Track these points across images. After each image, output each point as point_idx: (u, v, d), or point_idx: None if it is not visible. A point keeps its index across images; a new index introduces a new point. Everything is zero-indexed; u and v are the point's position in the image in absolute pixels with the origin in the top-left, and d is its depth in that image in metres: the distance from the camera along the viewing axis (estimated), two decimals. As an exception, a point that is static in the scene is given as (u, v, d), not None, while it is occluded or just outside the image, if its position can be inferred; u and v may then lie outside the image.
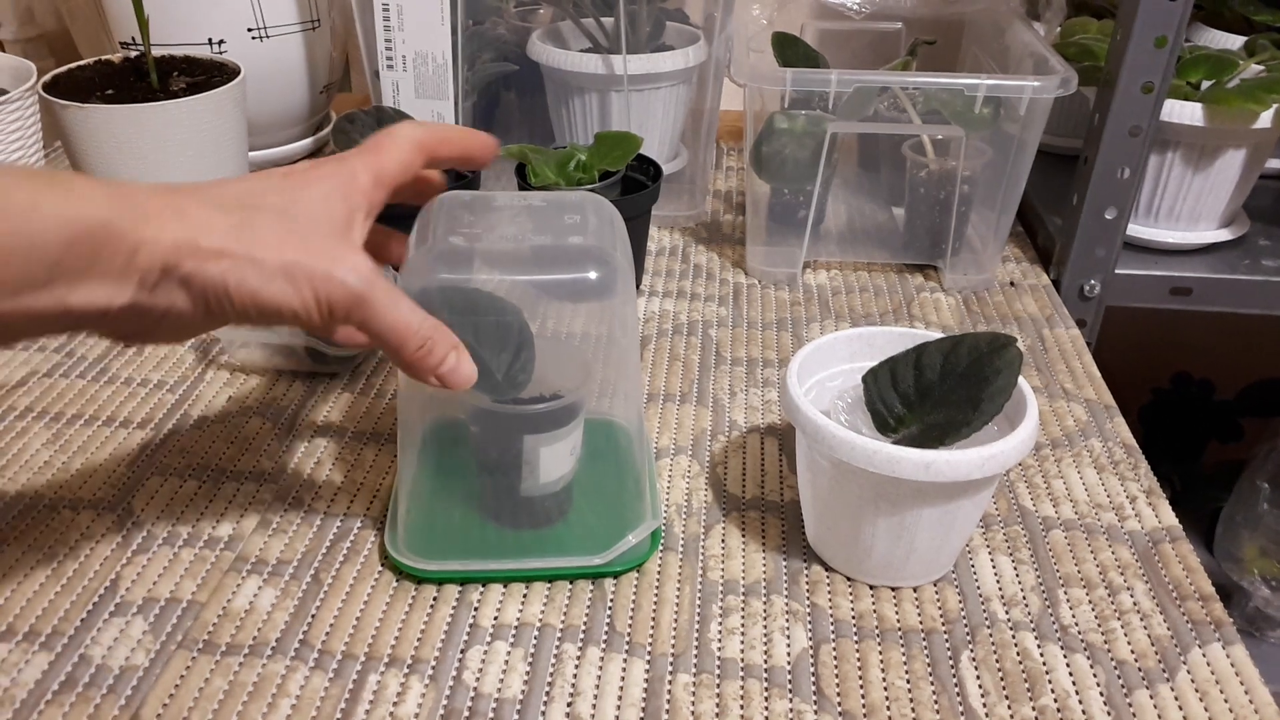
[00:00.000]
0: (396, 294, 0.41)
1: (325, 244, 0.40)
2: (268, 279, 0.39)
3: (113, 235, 0.36)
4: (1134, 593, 0.50)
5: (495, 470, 0.50)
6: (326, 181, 0.42)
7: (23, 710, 0.43)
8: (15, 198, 0.34)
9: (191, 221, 0.38)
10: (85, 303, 0.36)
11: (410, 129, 0.46)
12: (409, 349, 0.42)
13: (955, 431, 0.46)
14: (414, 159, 0.46)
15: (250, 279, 0.38)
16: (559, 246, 0.46)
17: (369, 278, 0.40)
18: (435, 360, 0.43)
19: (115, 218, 0.36)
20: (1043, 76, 0.70)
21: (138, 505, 0.54)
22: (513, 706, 0.43)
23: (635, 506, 0.51)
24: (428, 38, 0.81)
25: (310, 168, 0.43)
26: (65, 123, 0.72)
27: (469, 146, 0.48)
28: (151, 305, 0.38)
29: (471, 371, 0.44)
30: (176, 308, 0.38)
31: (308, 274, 0.39)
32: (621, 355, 0.49)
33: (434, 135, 0.46)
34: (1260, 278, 0.80)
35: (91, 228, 0.35)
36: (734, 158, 1.04)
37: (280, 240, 0.39)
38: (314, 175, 0.42)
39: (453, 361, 0.43)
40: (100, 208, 0.36)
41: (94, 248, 0.35)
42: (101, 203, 0.36)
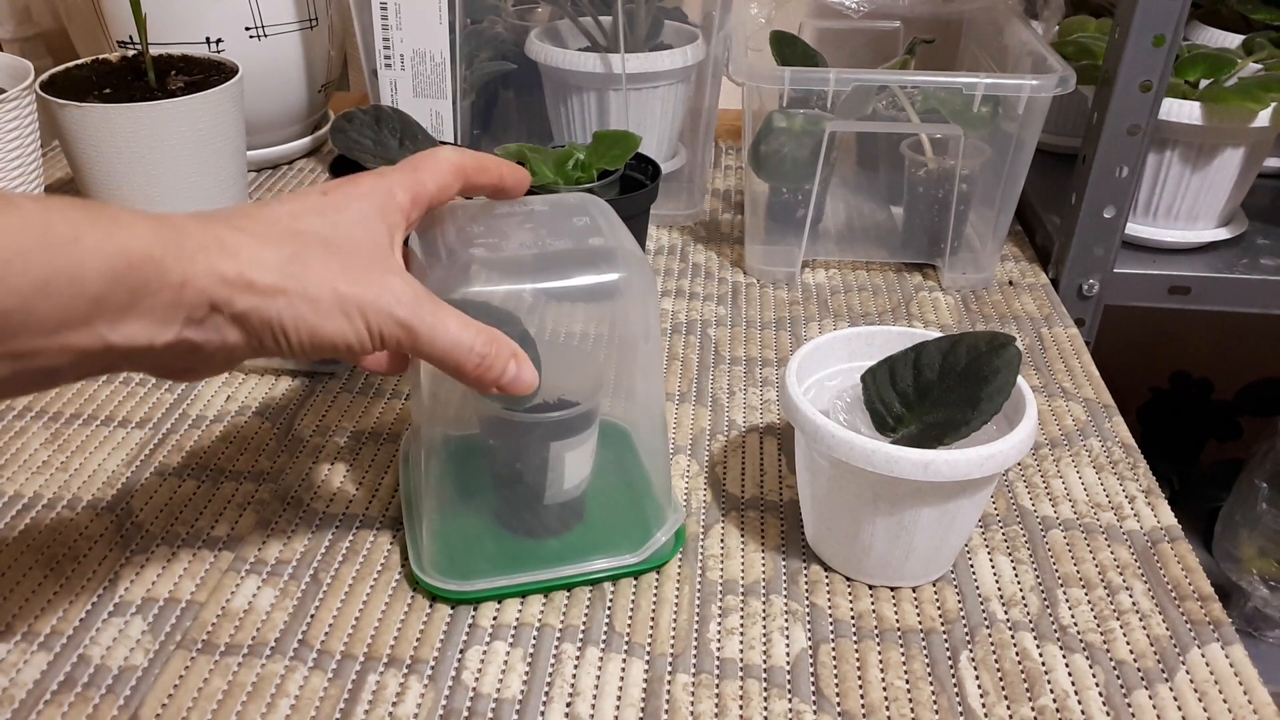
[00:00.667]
0: (445, 314, 0.41)
1: (370, 273, 0.40)
2: (325, 315, 0.38)
3: (158, 270, 0.35)
4: (1133, 593, 0.50)
5: (518, 480, 0.50)
6: (365, 201, 0.41)
7: (21, 710, 0.43)
8: (57, 230, 0.33)
9: (242, 256, 0.37)
10: (128, 340, 0.35)
11: (451, 152, 0.45)
12: (467, 369, 0.41)
13: (954, 431, 0.46)
14: (452, 183, 0.45)
15: (307, 316, 0.38)
16: (580, 250, 0.46)
17: (414, 304, 0.40)
18: (495, 375, 0.42)
19: (160, 252, 0.35)
20: (1041, 75, 0.70)
21: (136, 505, 0.54)
22: (512, 706, 0.43)
23: (657, 505, 0.51)
24: (426, 36, 0.80)
25: (348, 184, 0.42)
26: (63, 122, 0.72)
27: (505, 177, 0.47)
28: (201, 342, 0.37)
29: (533, 375, 0.43)
30: (228, 344, 0.37)
31: (360, 306, 0.39)
32: (646, 354, 0.49)
33: (473, 162, 0.46)
34: (1259, 276, 0.80)
35: (135, 262, 0.34)
36: (732, 156, 1.04)
37: (331, 273, 0.38)
38: (353, 194, 0.42)
39: (513, 371, 0.42)
40: (145, 241, 0.34)
41: (139, 283, 0.34)
42: (146, 236, 0.35)
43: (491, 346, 0.42)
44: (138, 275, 0.34)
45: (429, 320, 0.40)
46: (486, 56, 0.88)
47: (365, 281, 0.39)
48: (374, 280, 0.39)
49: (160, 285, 0.35)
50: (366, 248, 0.40)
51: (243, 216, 0.39)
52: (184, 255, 0.35)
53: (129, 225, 0.35)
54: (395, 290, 0.40)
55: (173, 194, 0.74)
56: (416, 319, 0.40)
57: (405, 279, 0.40)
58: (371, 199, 0.41)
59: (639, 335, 0.48)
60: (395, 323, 0.39)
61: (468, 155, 0.46)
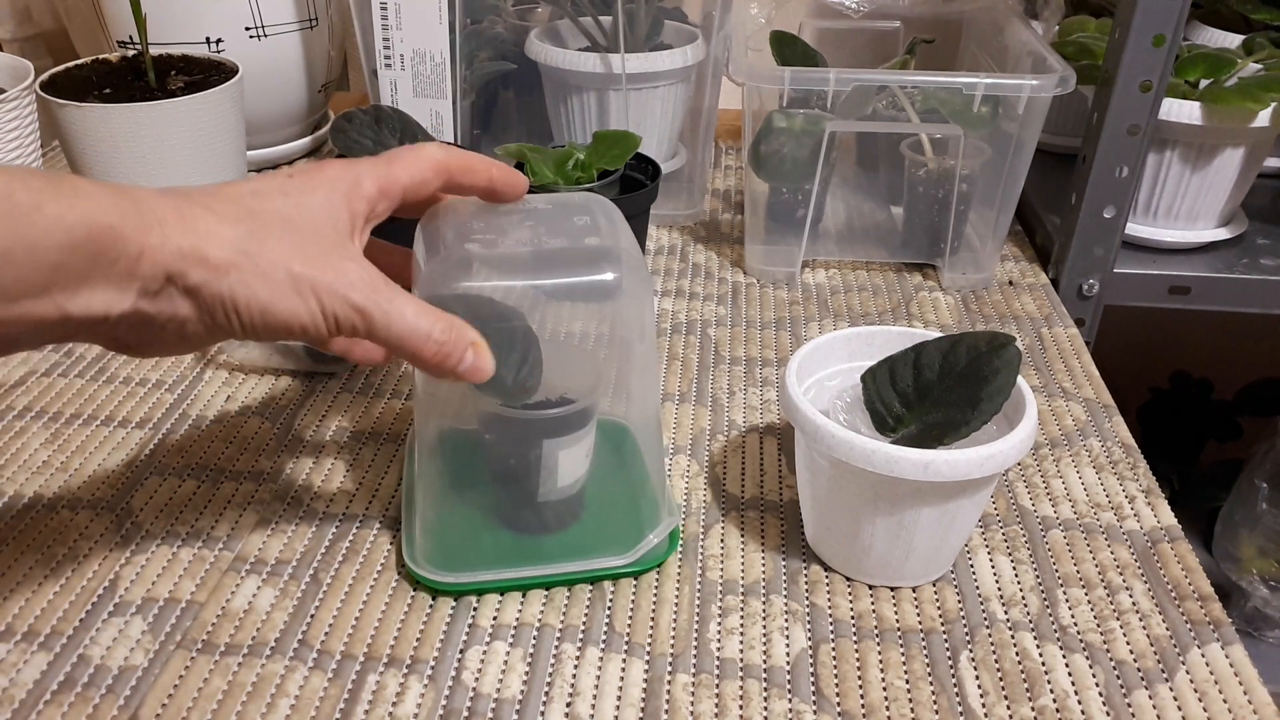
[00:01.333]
0: (402, 302, 0.41)
1: (328, 256, 0.40)
2: (276, 293, 0.38)
3: (116, 240, 0.35)
4: (1133, 593, 0.50)
5: (512, 477, 0.50)
6: (331, 186, 0.41)
7: (21, 710, 0.43)
8: (17, 199, 0.33)
9: (199, 230, 0.37)
10: (85, 310, 0.36)
11: (434, 149, 0.45)
12: (424, 355, 0.41)
13: (954, 431, 0.46)
14: (429, 177, 0.45)
15: (260, 293, 0.38)
16: (576, 249, 0.46)
17: (369, 289, 0.40)
18: (453, 363, 0.42)
19: (119, 222, 0.35)
20: (1041, 75, 0.70)
21: (136, 505, 0.54)
22: (512, 706, 0.43)
23: (652, 506, 0.51)
24: (426, 36, 0.80)
25: (316, 169, 0.42)
26: (63, 122, 0.72)
27: (496, 180, 0.47)
28: (154, 313, 0.37)
29: (489, 363, 0.43)
30: (179, 317, 0.38)
31: (313, 287, 0.39)
32: (640, 354, 0.49)
33: (457, 160, 0.45)
34: (1258, 276, 0.80)
35: (94, 232, 0.35)
36: (732, 156, 1.04)
37: (287, 252, 0.39)
38: (319, 179, 0.42)
39: (470, 360, 0.42)
40: (104, 211, 0.35)
41: (96, 252, 0.35)
42: (106, 206, 0.35)
43: (450, 334, 0.42)
44: (96, 245, 0.35)
45: (385, 306, 0.40)
46: (486, 56, 0.88)
47: (321, 264, 0.39)
48: (330, 263, 0.39)
49: (118, 255, 0.35)
50: (327, 231, 0.40)
51: (204, 193, 0.39)
52: (142, 227, 0.36)
53: (90, 195, 0.35)
54: (350, 275, 0.40)
55: (173, 194, 0.74)
56: (371, 304, 0.40)
57: (362, 264, 0.41)
58: (337, 184, 0.42)
59: (634, 335, 0.48)
60: (350, 306, 0.39)
61: (454, 154, 0.45)
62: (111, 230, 0.35)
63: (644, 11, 0.82)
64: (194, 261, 0.37)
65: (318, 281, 0.39)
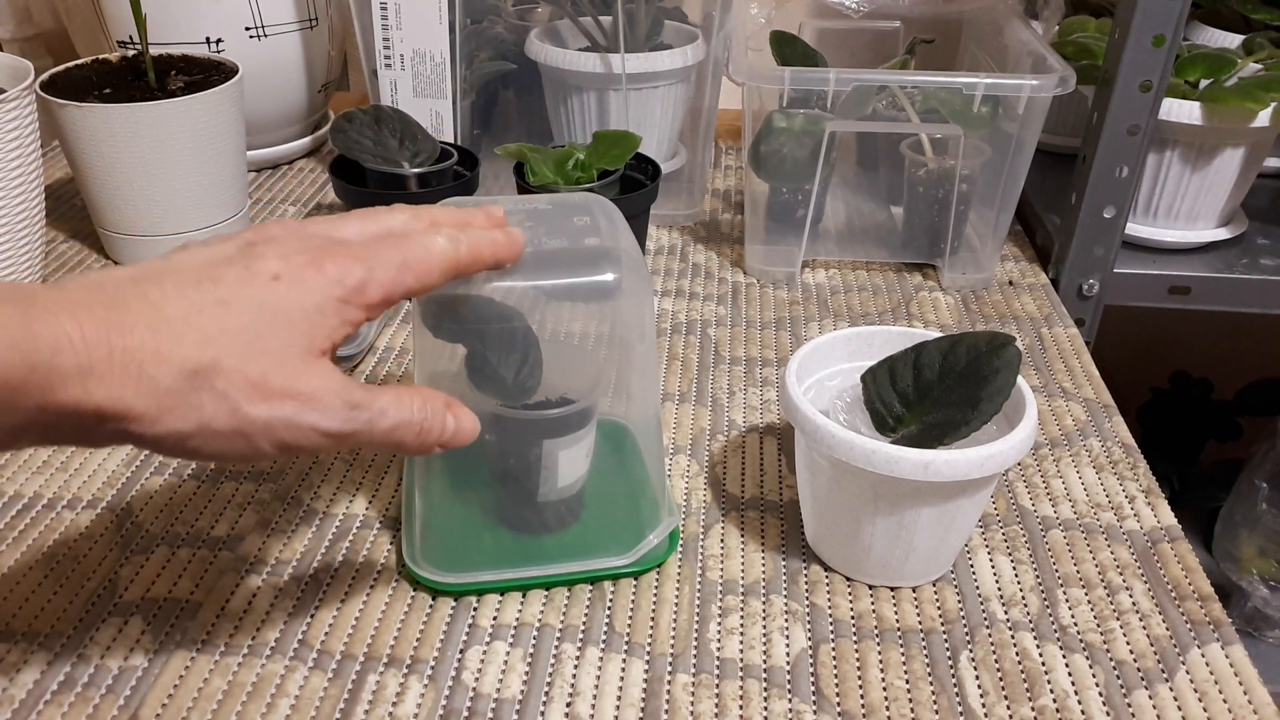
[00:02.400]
0: (379, 402, 0.38)
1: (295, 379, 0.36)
2: (219, 438, 0.35)
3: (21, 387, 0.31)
4: (1133, 593, 0.50)
5: (512, 477, 0.50)
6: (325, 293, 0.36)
7: (21, 710, 0.43)
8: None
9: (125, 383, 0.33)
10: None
11: (445, 245, 0.40)
12: (410, 446, 0.40)
13: (954, 431, 0.46)
14: (438, 281, 0.40)
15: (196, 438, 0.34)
16: (575, 249, 0.46)
17: (345, 412, 0.37)
18: (435, 436, 0.40)
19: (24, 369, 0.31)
20: (1041, 75, 0.70)
21: (136, 505, 0.54)
22: (512, 706, 0.43)
23: (653, 506, 0.51)
24: (426, 36, 0.80)
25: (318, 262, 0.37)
26: (63, 122, 0.72)
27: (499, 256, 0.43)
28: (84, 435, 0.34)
29: (474, 424, 0.42)
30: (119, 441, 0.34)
31: (267, 427, 0.35)
32: (640, 354, 0.49)
33: (468, 255, 0.41)
34: (1258, 276, 0.80)
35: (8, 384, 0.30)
36: (732, 156, 1.04)
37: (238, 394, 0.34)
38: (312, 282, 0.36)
39: (451, 426, 0.41)
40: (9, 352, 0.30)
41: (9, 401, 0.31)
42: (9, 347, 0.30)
43: (425, 410, 0.40)
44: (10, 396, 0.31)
45: (363, 417, 0.37)
46: (486, 56, 0.88)
47: (282, 398, 0.35)
48: (299, 392, 0.35)
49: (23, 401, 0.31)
50: (301, 348, 0.36)
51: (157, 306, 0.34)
52: (51, 386, 0.32)
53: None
54: (324, 401, 0.36)
55: (173, 194, 0.74)
56: (347, 424, 0.37)
57: (334, 382, 0.37)
58: (339, 288, 0.37)
59: (634, 335, 0.48)
60: (323, 435, 0.36)
61: (461, 245, 0.41)
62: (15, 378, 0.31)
63: (644, 11, 0.82)
64: (120, 414, 0.33)
65: (274, 420, 0.35)
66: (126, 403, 0.33)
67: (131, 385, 0.33)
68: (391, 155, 0.74)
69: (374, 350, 0.69)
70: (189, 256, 0.37)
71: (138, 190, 0.73)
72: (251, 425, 0.35)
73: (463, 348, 0.47)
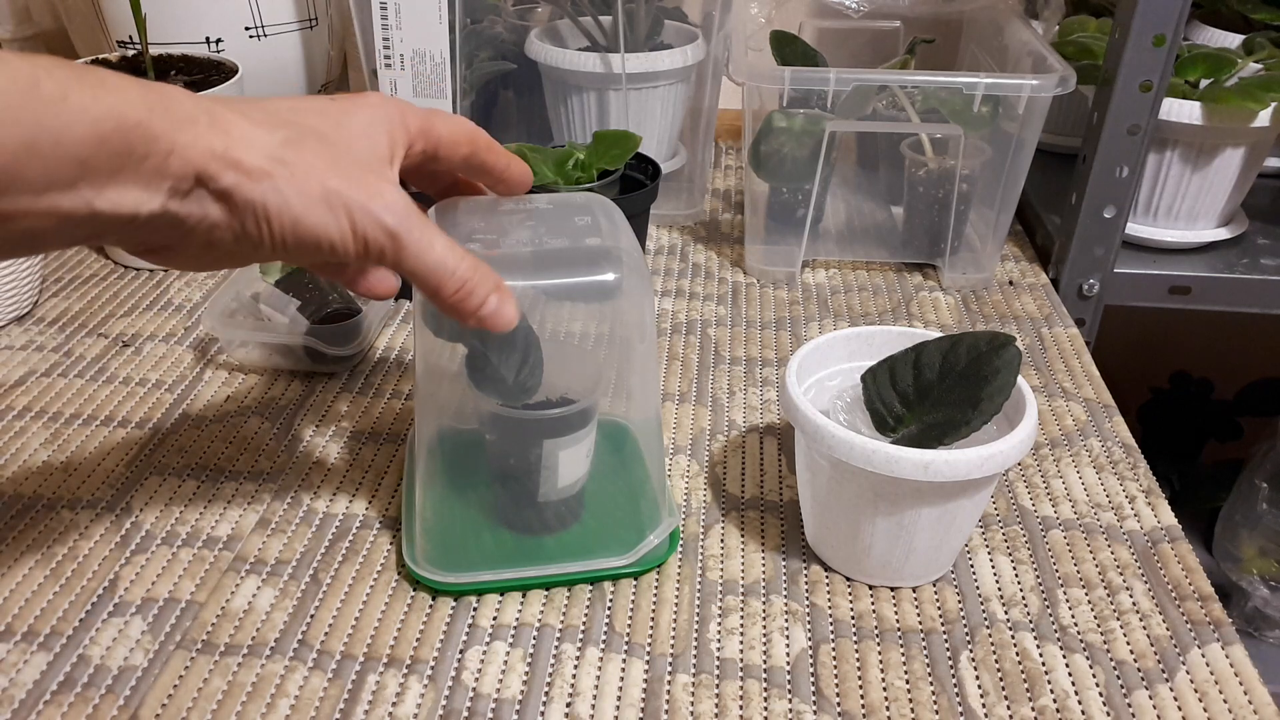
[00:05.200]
0: (432, 233, 0.40)
1: (364, 176, 0.39)
2: (309, 206, 0.37)
3: (145, 135, 0.34)
4: (1133, 593, 0.50)
5: (512, 477, 0.50)
6: (372, 111, 0.41)
7: (21, 710, 0.43)
8: (44, 88, 0.32)
9: (233, 135, 0.36)
10: (113, 207, 0.34)
11: (468, 121, 0.45)
12: (446, 291, 0.40)
13: (954, 431, 0.46)
14: (464, 142, 0.44)
15: (293, 203, 0.37)
16: (576, 249, 0.46)
17: (404, 215, 0.39)
18: (475, 303, 0.41)
19: (147, 117, 0.34)
20: (1041, 75, 0.70)
21: (136, 505, 0.54)
22: (511, 707, 0.43)
23: (653, 507, 0.51)
24: (426, 36, 0.80)
25: (358, 96, 0.41)
26: (63, 122, 0.72)
27: (510, 167, 0.47)
28: (184, 215, 0.36)
29: (513, 313, 0.42)
30: (209, 220, 0.37)
31: (346, 204, 0.38)
32: (641, 354, 0.49)
33: (487, 139, 0.45)
34: (1259, 276, 0.80)
35: (123, 126, 0.33)
36: (732, 156, 1.04)
37: (324, 166, 0.38)
38: (361, 103, 0.41)
39: (494, 304, 0.42)
40: (133, 106, 0.34)
41: (125, 148, 0.34)
42: (134, 100, 0.34)
43: (476, 273, 0.41)
44: (124, 139, 0.34)
45: (416, 234, 0.39)
46: (486, 56, 0.88)
47: (357, 182, 0.38)
48: (367, 183, 0.39)
49: (147, 152, 0.34)
50: (365, 153, 0.40)
51: (240, 100, 0.39)
52: (172, 124, 0.35)
53: (118, 89, 0.34)
54: (387, 197, 0.39)
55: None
56: (404, 230, 0.39)
57: (398, 190, 0.40)
58: (379, 110, 0.41)
59: (634, 336, 0.48)
60: (382, 229, 0.39)
61: (481, 130, 0.45)
62: (140, 126, 0.34)
63: (644, 11, 0.82)
64: (227, 164, 0.36)
65: (352, 199, 0.38)
66: (236, 152, 0.36)
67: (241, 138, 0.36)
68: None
69: (374, 350, 0.69)
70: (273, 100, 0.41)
71: (138, 190, 0.73)
72: (334, 196, 0.38)
73: (463, 347, 0.47)
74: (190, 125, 0.35)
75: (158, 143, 0.34)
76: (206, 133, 0.36)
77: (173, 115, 0.35)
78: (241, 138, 0.36)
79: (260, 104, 0.39)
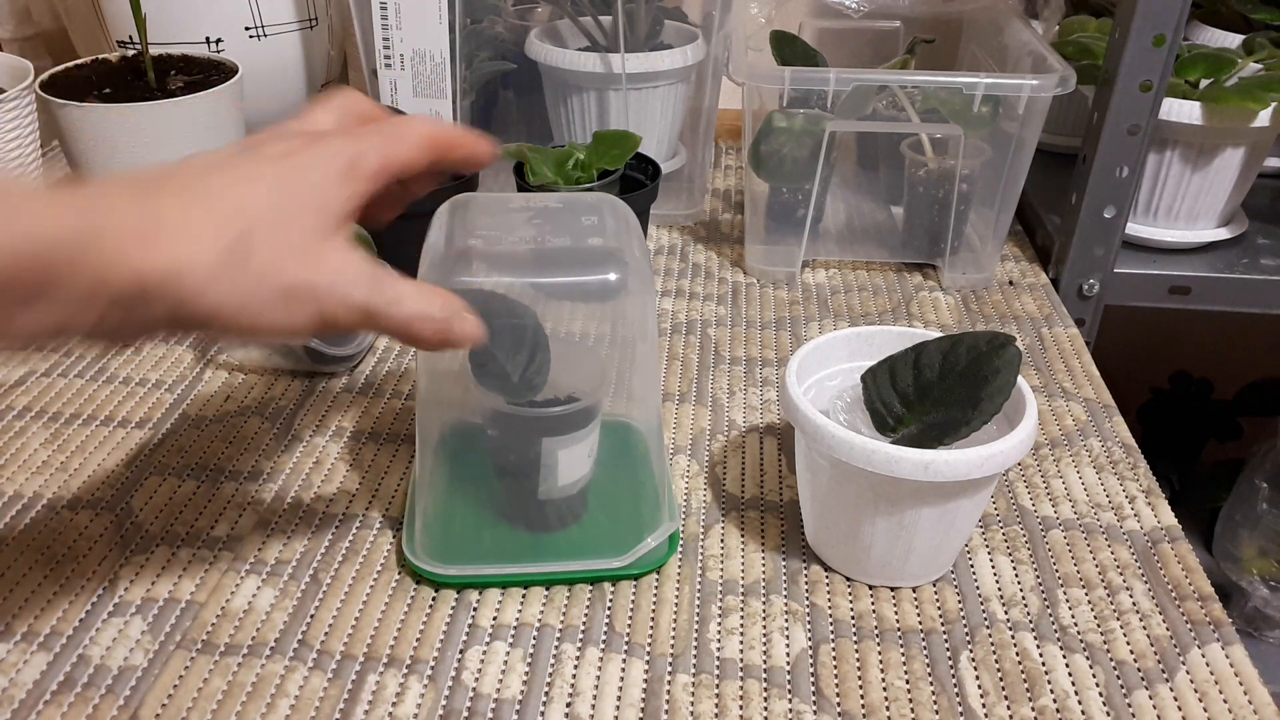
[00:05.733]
0: (401, 286, 0.39)
1: (322, 252, 0.37)
2: (266, 304, 0.36)
3: (71, 263, 0.32)
4: (1133, 593, 0.50)
5: (513, 473, 0.50)
6: (330, 164, 0.39)
7: (21, 710, 0.43)
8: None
9: (175, 244, 0.34)
10: (40, 324, 0.33)
11: (424, 124, 0.43)
12: (425, 338, 0.40)
13: (954, 431, 0.46)
14: (424, 155, 0.43)
15: (249, 305, 0.35)
16: (578, 248, 0.46)
17: (370, 283, 0.38)
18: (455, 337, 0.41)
19: (72, 244, 0.32)
20: (1041, 75, 0.70)
21: (136, 505, 0.54)
22: (511, 707, 0.43)
23: (653, 509, 0.51)
24: (426, 36, 0.80)
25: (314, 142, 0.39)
26: (62, 122, 0.72)
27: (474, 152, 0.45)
28: (128, 322, 0.34)
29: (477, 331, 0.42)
30: (160, 326, 0.35)
31: (311, 293, 0.37)
32: (642, 356, 0.49)
33: (446, 136, 0.43)
34: (1259, 276, 0.80)
35: (40, 252, 0.31)
36: (732, 156, 1.04)
37: (279, 255, 0.36)
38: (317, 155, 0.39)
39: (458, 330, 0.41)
40: (54, 231, 0.31)
41: (44, 277, 0.31)
42: (56, 225, 0.31)
43: (447, 310, 0.40)
44: (41, 269, 0.32)
45: (387, 295, 0.38)
46: (486, 56, 0.88)
47: (316, 263, 0.37)
48: (326, 261, 0.37)
49: (74, 278, 0.32)
50: (319, 219, 0.38)
51: (182, 186, 0.36)
52: (106, 247, 0.33)
53: (39, 213, 0.32)
54: (349, 271, 0.38)
55: (173, 194, 0.74)
56: (374, 298, 0.38)
57: (357, 256, 0.38)
58: (337, 160, 0.39)
59: (635, 336, 0.48)
60: (352, 307, 0.38)
61: (441, 128, 0.43)
62: (62, 251, 0.32)
63: (644, 11, 0.82)
64: (170, 283, 0.34)
65: (316, 286, 0.37)
66: (179, 267, 0.34)
67: (184, 251, 0.34)
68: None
69: (374, 350, 0.69)
70: (199, 157, 0.38)
71: (138, 190, 0.73)
72: (295, 290, 0.36)
73: None
74: (127, 244, 0.33)
75: (84, 270, 0.32)
76: (148, 252, 0.33)
77: (104, 238, 0.33)
78: (186, 248, 0.34)
79: (207, 184, 0.36)
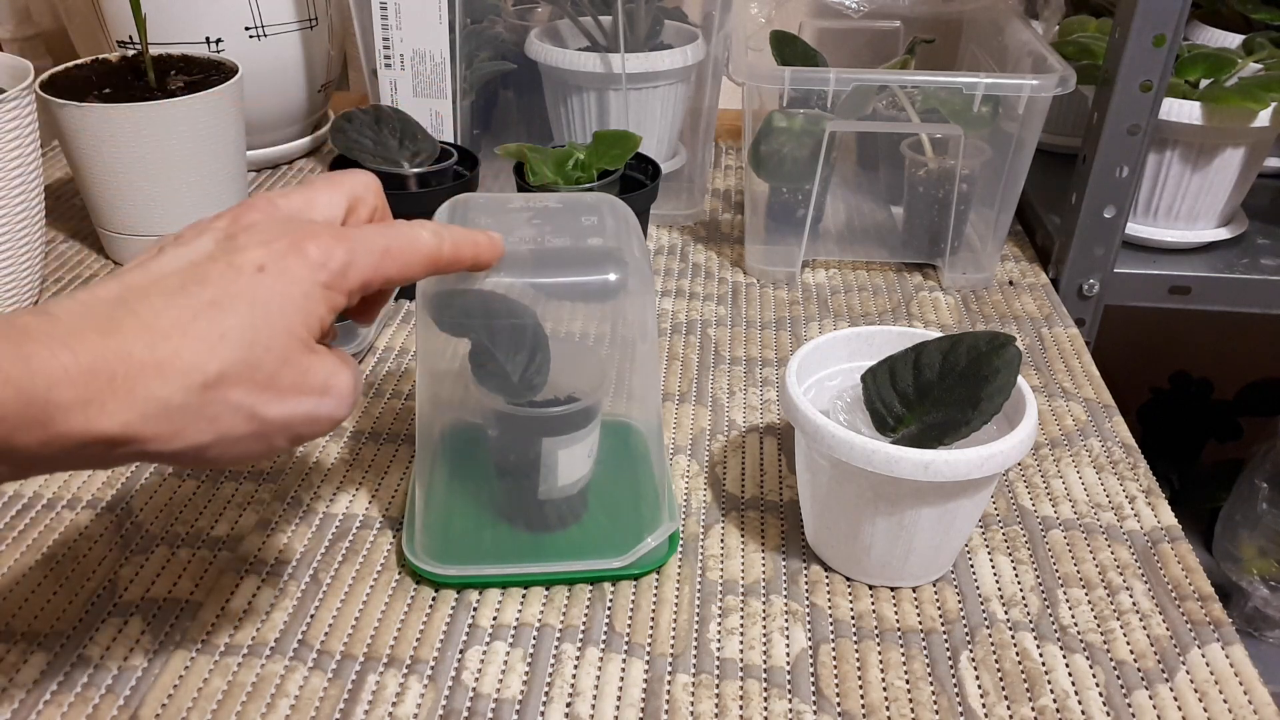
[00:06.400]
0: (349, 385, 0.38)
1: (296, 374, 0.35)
2: (239, 441, 0.35)
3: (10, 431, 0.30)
4: (1133, 593, 0.50)
5: (513, 473, 0.50)
6: (312, 277, 0.36)
7: (21, 710, 0.43)
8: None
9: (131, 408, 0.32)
10: None
11: (429, 237, 0.40)
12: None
13: (954, 431, 0.46)
14: (419, 275, 0.41)
15: (221, 443, 0.34)
16: (577, 249, 0.46)
17: (355, 396, 0.38)
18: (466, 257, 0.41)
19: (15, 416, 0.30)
20: (1041, 75, 0.70)
21: (136, 505, 0.54)
22: (511, 707, 0.43)
23: (653, 509, 0.51)
24: (426, 36, 0.80)
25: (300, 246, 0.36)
26: (62, 122, 0.72)
27: (479, 258, 0.43)
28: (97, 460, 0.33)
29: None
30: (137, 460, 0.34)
31: (284, 427, 0.36)
32: (642, 356, 0.49)
33: (450, 250, 0.41)
34: (1259, 276, 0.80)
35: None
36: (732, 156, 1.04)
37: (251, 391, 0.34)
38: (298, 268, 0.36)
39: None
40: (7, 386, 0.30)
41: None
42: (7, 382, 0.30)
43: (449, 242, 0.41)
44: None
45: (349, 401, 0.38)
46: (486, 56, 0.88)
47: (297, 395, 0.36)
48: (309, 389, 0.36)
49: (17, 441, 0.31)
50: (297, 340, 0.36)
51: (147, 325, 0.33)
52: (51, 419, 0.31)
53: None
54: (336, 393, 0.37)
55: (172, 194, 0.74)
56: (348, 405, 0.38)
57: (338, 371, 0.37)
58: (324, 270, 0.36)
59: (635, 336, 0.48)
60: (336, 423, 0.38)
61: (445, 241, 0.41)
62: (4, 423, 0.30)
63: (644, 11, 0.82)
64: (129, 438, 0.32)
65: (292, 420, 0.36)
66: (134, 427, 0.32)
67: (139, 408, 0.32)
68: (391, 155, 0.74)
69: (374, 350, 0.69)
70: (169, 260, 0.36)
71: (138, 190, 0.73)
72: (270, 426, 0.35)
73: (466, 343, 0.47)
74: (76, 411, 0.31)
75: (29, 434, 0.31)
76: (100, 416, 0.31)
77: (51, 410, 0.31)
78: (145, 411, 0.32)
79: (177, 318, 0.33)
